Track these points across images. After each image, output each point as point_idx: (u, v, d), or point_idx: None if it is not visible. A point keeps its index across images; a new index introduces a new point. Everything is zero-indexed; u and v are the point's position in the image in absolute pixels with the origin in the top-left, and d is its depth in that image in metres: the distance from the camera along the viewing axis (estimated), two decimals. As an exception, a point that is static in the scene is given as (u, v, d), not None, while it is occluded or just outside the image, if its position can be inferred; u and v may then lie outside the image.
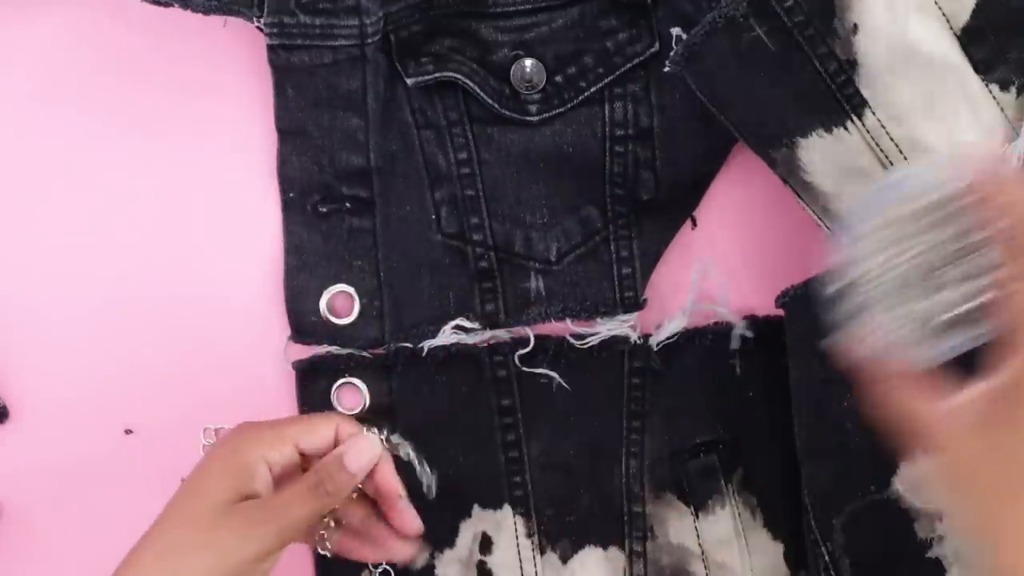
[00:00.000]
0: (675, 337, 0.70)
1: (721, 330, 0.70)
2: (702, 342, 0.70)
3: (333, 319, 0.69)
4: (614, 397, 0.70)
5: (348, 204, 0.69)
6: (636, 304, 0.70)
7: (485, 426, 0.70)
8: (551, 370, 0.70)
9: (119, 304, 0.71)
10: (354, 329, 0.70)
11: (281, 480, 0.62)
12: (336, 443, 0.64)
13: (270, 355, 0.71)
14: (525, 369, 0.70)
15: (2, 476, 0.71)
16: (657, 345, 0.70)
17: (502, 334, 0.70)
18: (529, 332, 0.70)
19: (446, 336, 0.70)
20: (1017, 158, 0.58)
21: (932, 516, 0.61)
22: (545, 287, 0.70)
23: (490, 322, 0.70)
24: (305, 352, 0.70)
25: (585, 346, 0.70)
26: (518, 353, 0.70)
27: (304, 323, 0.70)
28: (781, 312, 0.66)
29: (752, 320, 0.70)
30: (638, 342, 0.70)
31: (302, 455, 0.63)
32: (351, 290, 0.69)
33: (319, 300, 0.69)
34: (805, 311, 0.62)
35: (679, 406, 0.70)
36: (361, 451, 0.63)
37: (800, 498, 0.65)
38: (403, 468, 0.67)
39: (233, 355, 0.71)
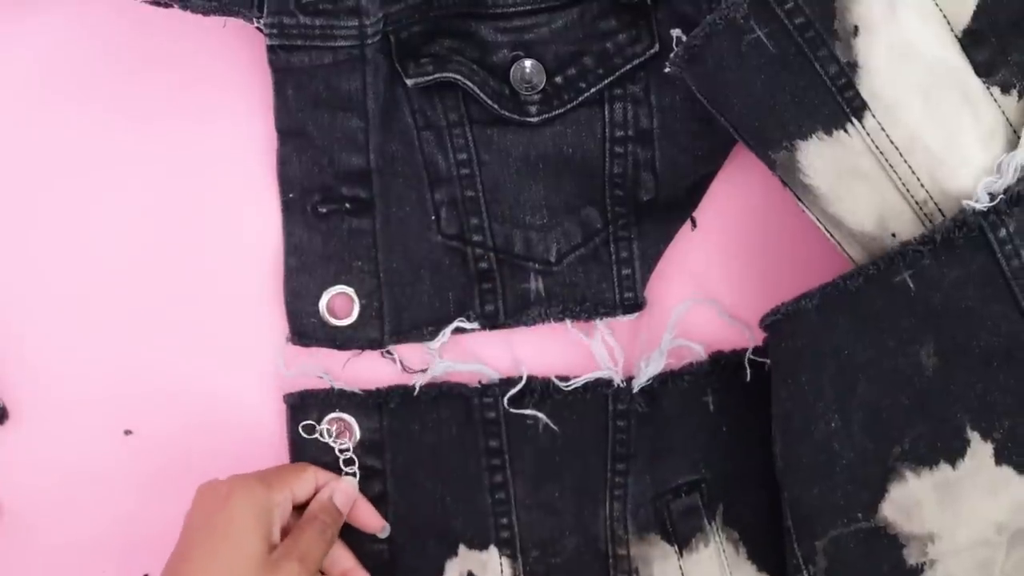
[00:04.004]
0: (652, 381, 0.70)
1: (697, 370, 0.70)
2: (678, 384, 0.70)
3: (332, 320, 0.69)
4: (599, 439, 0.70)
5: (348, 205, 0.69)
6: (636, 305, 0.70)
7: (473, 467, 0.70)
8: (538, 411, 0.70)
9: (119, 304, 0.71)
10: (353, 330, 0.69)
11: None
12: (315, 489, 0.67)
13: (270, 356, 0.71)
14: (512, 410, 0.70)
15: (2, 476, 0.71)
16: (637, 387, 0.70)
17: (492, 373, 0.70)
18: (524, 372, 0.70)
19: (445, 337, 0.70)
20: (1017, 164, 0.58)
21: (923, 540, 0.59)
22: (545, 288, 0.70)
23: (490, 323, 0.70)
24: (296, 384, 0.71)
25: (569, 388, 0.70)
26: (508, 395, 0.70)
27: (303, 324, 0.70)
28: (746, 346, 0.67)
29: (720, 355, 0.71)
30: (621, 385, 0.70)
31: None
32: (351, 291, 0.69)
33: (319, 301, 0.69)
34: (792, 331, 0.62)
35: (662, 448, 0.70)
36: (346, 491, 0.68)
37: (782, 525, 0.65)
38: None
39: (233, 356, 0.71)
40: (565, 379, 0.70)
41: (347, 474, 0.69)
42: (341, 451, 0.69)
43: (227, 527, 0.60)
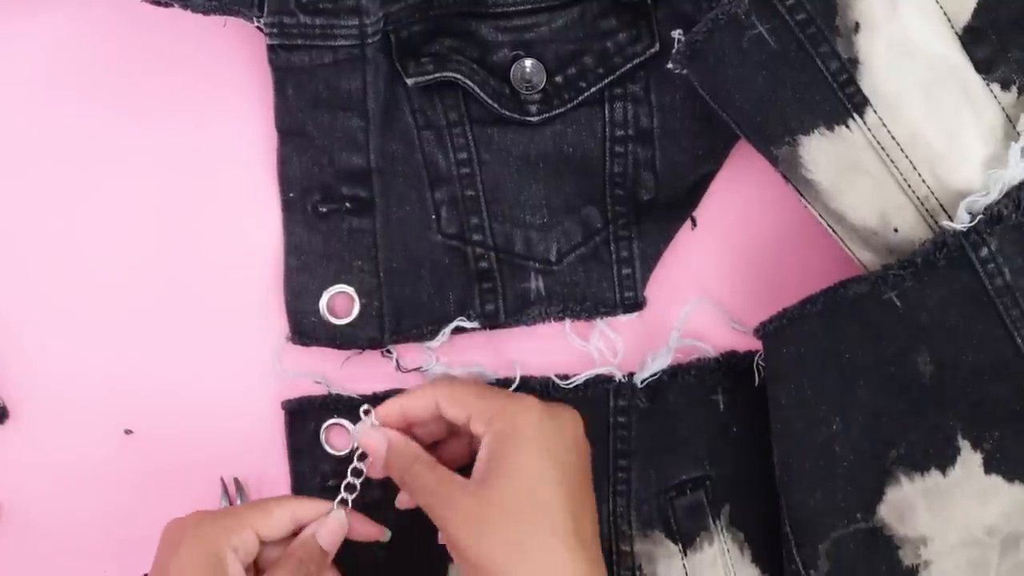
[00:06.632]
0: (659, 375, 0.70)
1: (705, 366, 0.70)
2: (685, 379, 0.70)
3: (333, 319, 0.69)
4: (600, 436, 0.70)
5: (348, 204, 0.69)
6: (636, 304, 0.70)
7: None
8: None
9: (119, 304, 0.71)
10: (353, 330, 0.69)
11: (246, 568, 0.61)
12: (293, 524, 0.63)
13: (270, 355, 0.71)
14: None
15: (2, 476, 0.71)
16: (641, 383, 0.70)
17: (488, 375, 0.70)
18: (517, 371, 0.70)
19: (445, 337, 0.70)
20: (1017, 159, 0.58)
21: (916, 543, 0.60)
22: (545, 287, 0.70)
23: (490, 322, 0.70)
24: (294, 386, 0.70)
25: (570, 386, 0.70)
26: None
27: (304, 324, 0.69)
28: (759, 344, 0.66)
29: (732, 355, 0.70)
30: (622, 380, 0.70)
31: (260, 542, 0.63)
32: (351, 291, 0.69)
33: (319, 301, 0.69)
34: (794, 335, 0.62)
35: (665, 443, 0.70)
36: (331, 529, 0.64)
37: (781, 533, 0.64)
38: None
39: (233, 355, 0.71)
40: (565, 378, 0.70)
41: (343, 499, 0.65)
42: (353, 472, 0.67)
43: (166, 571, 0.59)
